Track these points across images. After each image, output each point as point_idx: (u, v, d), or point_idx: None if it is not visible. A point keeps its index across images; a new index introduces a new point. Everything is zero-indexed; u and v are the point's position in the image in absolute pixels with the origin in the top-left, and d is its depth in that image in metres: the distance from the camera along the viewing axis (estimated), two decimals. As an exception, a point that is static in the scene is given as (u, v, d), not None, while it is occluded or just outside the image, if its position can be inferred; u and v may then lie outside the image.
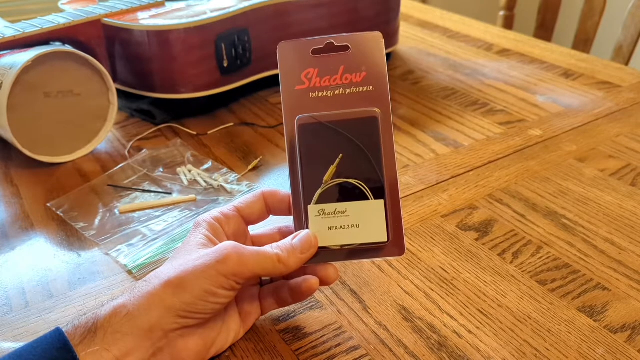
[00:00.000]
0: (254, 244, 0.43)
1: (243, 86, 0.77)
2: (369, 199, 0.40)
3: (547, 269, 0.48)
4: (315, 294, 0.45)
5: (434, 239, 0.52)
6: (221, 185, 0.60)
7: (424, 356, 0.40)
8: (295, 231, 0.40)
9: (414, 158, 0.65)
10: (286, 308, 0.44)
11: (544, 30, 1.31)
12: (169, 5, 0.77)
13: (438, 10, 1.17)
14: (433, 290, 0.46)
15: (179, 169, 0.63)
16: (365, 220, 0.40)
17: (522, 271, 0.47)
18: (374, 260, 0.49)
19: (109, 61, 0.73)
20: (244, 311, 0.41)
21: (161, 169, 0.64)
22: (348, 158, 0.40)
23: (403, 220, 0.40)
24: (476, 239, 0.51)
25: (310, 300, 0.45)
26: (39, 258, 0.51)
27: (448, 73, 0.87)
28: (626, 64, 1.12)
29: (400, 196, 0.45)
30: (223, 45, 0.71)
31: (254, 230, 0.44)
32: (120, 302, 0.35)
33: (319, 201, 0.40)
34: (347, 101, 0.41)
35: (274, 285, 0.42)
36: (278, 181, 0.62)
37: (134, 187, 0.61)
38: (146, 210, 0.57)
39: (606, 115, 0.72)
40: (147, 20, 0.70)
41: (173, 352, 0.36)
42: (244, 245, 0.37)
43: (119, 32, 0.70)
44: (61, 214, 0.57)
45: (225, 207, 0.42)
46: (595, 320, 0.42)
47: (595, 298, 0.45)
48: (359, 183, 0.40)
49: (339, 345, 0.41)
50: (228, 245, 0.37)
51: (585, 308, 0.44)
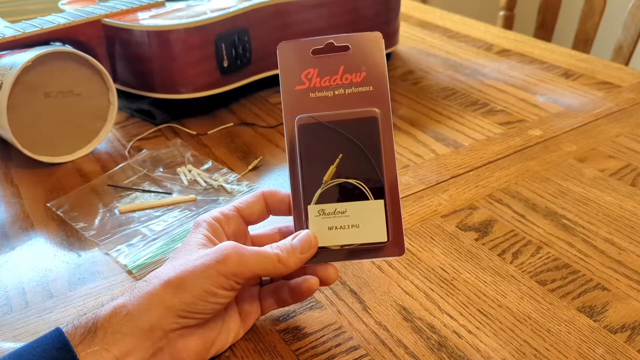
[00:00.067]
0: (254, 244, 0.43)
1: (243, 86, 0.77)
2: (368, 199, 0.40)
3: (547, 269, 0.48)
4: (315, 294, 0.45)
5: (434, 239, 0.52)
6: (221, 185, 0.60)
7: (424, 356, 0.40)
8: (295, 231, 0.40)
9: (414, 158, 0.65)
10: (286, 308, 0.44)
11: (544, 30, 1.31)
12: (169, 5, 0.77)
13: (438, 10, 1.17)
14: (433, 290, 0.46)
15: (179, 169, 0.63)
16: (365, 220, 0.40)
17: (522, 271, 0.47)
18: (374, 260, 0.49)
19: (109, 61, 0.73)
20: (244, 311, 0.41)
21: (161, 169, 0.64)
22: (348, 158, 0.40)
23: (403, 220, 0.40)
24: (476, 239, 0.51)
25: (310, 300, 0.45)
26: (39, 258, 0.51)
27: (448, 73, 0.87)
28: (626, 64, 1.12)
29: (400, 196, 0.45)
30: (223, 45, 0.71)
31: (254, 230, 0.44)
32: (120, 302, 0.35)
33: (318, 201, 0.40)
34: (347, 101, 0.41)
35: (274, 285, 0.42)
36: (278, 181, 0.62)
37: (134, 187, 0.61)
38: (146, 210, 0.57)
39: (606, 115, 0.72)
40: (147, 20, 0.70)
41: (173, 352, 0.36)
42: (244, 245, 0.37)
43: (119, 32, 0.70)
44: (61, 214, 0.57)
45: (225, 207, 0.42)
46: (595, 320, 0.42)
47: (595, 298, 0.45)
48: (358, 183, 0.40)
49: (339, 345, 0.41)
50: (228, 245, 0.37)
51: (585, 308, 0.44)
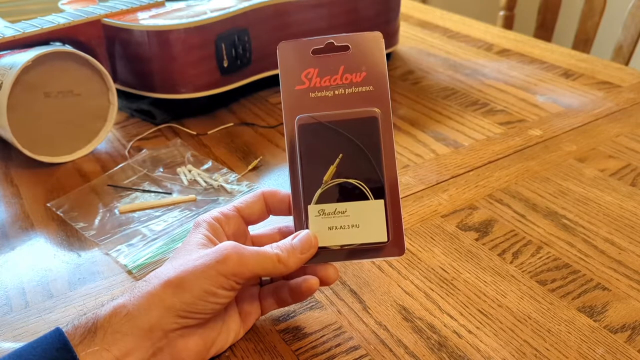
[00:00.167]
0: (254, 244, 0.43)
1: (243, 86, 0.77)
2: (369, 199, 0.40)
3: (547, 269, 0.48)
4: (315, 294, 0.45)
5: (434, 239, 0.52)
6: (221, 185, 0.60)
7: (424, 356, 0.40)
8: (295, 231, 0.40)
9: (414, 158, 0.65)
10: (286, 308, 0.44)
11: (544, 30, 1.31)
12: (169, 5, 0.77)
13: (438, 10, 1.17)
14: (433, 290, 0.46)
15: (179, 169, 0.63)
16: (365, 220, 0.40)
17: (522, 271, 0.47)
18: (374, 260, 0.49)
19: (109, 61, 0.73)
20: (244, 311, 0.41)
21: (161, 169, 0.64)
22: (348, 158, 0.40)
23: (403, 220, 0.40)
24: (476, 239, 0.51)
25: (310, 300, 0.45)
26: (39, 258, 0.51)
27: (448, 73, 0.87)
28: (626, 64, 1.12)
29: (400, 196, 0.45)
30: (223, 45, 0.71)
31: (254, 230, 0.44)
32: (120, 302, 0.35)
33: (319, 201, 0.40)
34: (347, 101, 0.41)
35: (274, 285, 0.42)
36: (278, 181, 0.62)
37: (134, 187, 0.61)
38: (146, 210, 0.57)
39: (606, 115, 0.72)
40: (147, 20, 0.70)
41: (173, 352, 0.36)
42: (243, 245, 0.37)
43: (119, 32, 0.70)
44: (61, 214, 0.57)
45: (225, 207, 0.42)
46: (595, 320, 0.42)
47: (595, 298, 0.44)
48: (359, 183, 0.40)
49: (339, 345, 0.41)
50: (228, 245, 0.37)
51: (585, 308, 0.44)
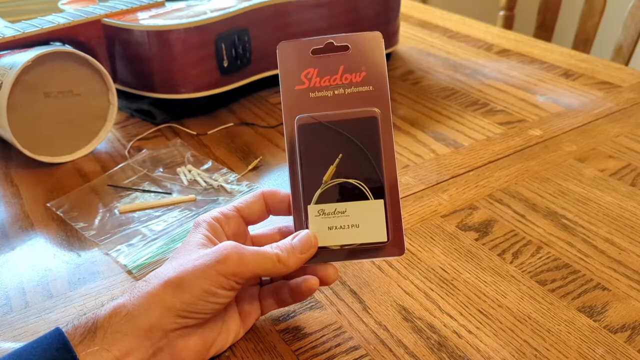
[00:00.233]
0: (253, 244, 0.43)
1: (243, 86, 0.77)
2: (368, 199, 0.40)
3: (547, 269, 0.48)
4: (315, 294, 0.45)
5: (434, 239, 0.52)
6: (221, 185, 0.60)
7: (424, 356, 0.40)
8: (295, 231, 0.40)
9: (414, 158, 0.65)
10: (286, 308, 0.44)
11: (544, 30, 1.31)
12: (169, 5, 0.77)
13: (438, 10, 1.17)
14: (433, 290, 0.46)
15: (179, 169, 0.63)
16: (365, 220, 0.40)
17: (522, 271, 0.47)
18: (374, 260, 0.49)
19: (109, 61, 0.73)
20: (244, 311, 0.41)
21: (161, 169, 0.64)
22: (348, 158, 0.40)
23: (403, 220, 0.40)
24: (476, 239, 0.51)
25: (310, 300, 0.45)
26: (39, 258, 0.51)
27: (448, 73, 0.87)
28: (626, 64, 1.12)
29: (400, 196, 0.45)
30: (223, 45, 0.71)
31: (254, 230, 0.44)
32: (120, 302, 0.35)
33: (318, 201, 0.40)
34: (347, 101, 0.41)
35: (274, 285, 0.42)
36: (278, 181, 0.62)
37: (134, 187, 0.61)
38: (146, 210, 0.57)
39: (606, 115, 0.72)
40: (147, 20, 0.70)
41: (173, 352, 0.36)
42: (243, 245, 0.37)
43: (119, 32, 0.70)
44: (61, 214, 0.57)
45: (225, 207, 0.42)
46: (595, 320, 0.42)
47: (595, 298, 0.44)
48: (358, 183, 0.40)
49: (338, 345, 0.41)
50: (228, 245, 0.37)
51: (585, 308, 0.44)
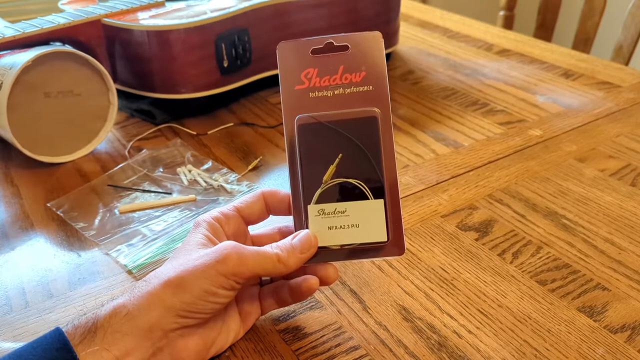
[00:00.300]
0: (254, 244, 0.43)
1: (243, 86, 0.77)
2: (368, 199, 0.40)
3: (547, 269, 0.48)
4: (315, 294, 0.45)
5: (434, 239, 0.52)
6: (221, 185, 0.60)
7: (424, 356, 0.40)
8: (295, 231, 0.40)
9: (414, 158, 0.65)
10: (286, 308, 0.44)
11: (544, 30, 1.31)
12: (169, 5, 0.77)
13: (438, 10, 1.17)
14: (433, 290, 0.46)
15: (179, 169, 0.63)
16: (365, 220, 0.40)
17: (522, 271, 0.47)
18: (374, 260, 0.49)
19: (109, 61, 0.73)
20: (244, 311, 0.41)
21: (161, 169, 0.64)
22: (348, 158, 0.40)
23: (403, 220, 0.40)
24: (476, 239, 0.51)
25: (310, 300, 0.45)
26: (39, 258, 0.51)
27: (448, 73, 0.87)
28: (626, 64, 1.12)
29: (400, 196, 0.45)
30: (223, 45, 0.71)
31: (254, 230, 0.44)
32: (120, 302, 0.35)
33: (318, 201, 0.40)
34: (347, 101, 0.41)
35: (274, 285, 0.42)
36: (278, 181, 0.62)
37: (134, 187, 0.61)
38: (146, 210, 0.57)
39: (606, 115, 0.72)
40: (147, 20, 0.70)
41: (173, 352, 0.36)
42: (243, 245, 0.37)
43: (119, 32, 0.70)
44: (61, 214, 0.57)
45: (225, 207, 0.42)
46: (595, 320, 0.42)
47: (595, 298, 0.44)
48: (358, 183, 0.40)
49: (338, 345, 0.41)
50: (228, 245, 0.37)
51: (585, 308, 0.44)
